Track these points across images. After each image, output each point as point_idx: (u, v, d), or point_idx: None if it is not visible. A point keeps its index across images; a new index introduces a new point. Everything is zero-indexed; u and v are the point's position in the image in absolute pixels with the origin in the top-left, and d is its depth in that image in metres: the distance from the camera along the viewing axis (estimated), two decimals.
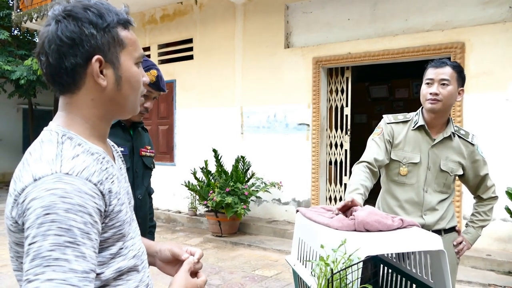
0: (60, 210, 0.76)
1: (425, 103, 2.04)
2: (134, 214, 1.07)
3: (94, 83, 0.91)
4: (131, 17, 0.98)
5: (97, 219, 0.82)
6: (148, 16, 7.62)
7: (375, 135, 2.13)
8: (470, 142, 2.10)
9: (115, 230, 0.89)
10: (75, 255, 0.75)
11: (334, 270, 1.18)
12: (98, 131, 0.96)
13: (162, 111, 7.54)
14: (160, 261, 1.14)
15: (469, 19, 4.79)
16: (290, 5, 6.11)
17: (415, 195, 2.05)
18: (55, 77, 0.90)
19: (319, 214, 1.62)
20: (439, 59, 2.05)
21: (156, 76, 1.92)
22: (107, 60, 0.91)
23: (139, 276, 0.96)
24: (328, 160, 6.01)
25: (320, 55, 5.75)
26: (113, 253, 0.89)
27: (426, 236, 1.42)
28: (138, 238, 1.02)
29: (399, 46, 5.13)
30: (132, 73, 0.95)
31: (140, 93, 1.00)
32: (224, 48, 6.71)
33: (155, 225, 2.24)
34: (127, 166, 1.90)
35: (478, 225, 2.17)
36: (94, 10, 0.89)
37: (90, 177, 0.83)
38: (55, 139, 0.87)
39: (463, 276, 4.15)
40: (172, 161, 7.41)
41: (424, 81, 2.06)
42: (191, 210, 6.87)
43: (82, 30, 0.87)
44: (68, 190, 0.78)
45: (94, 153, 0.89)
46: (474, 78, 4.68)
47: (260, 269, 4.61)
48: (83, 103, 0.92)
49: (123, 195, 0.95)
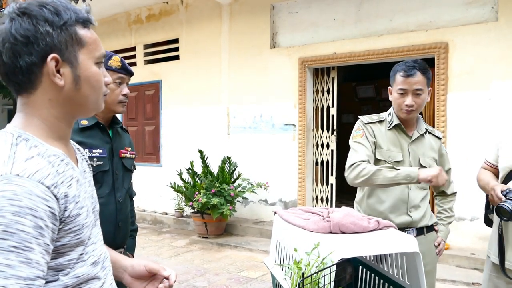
0: (7, 213, 0.73)
1: (399, 111, 2.07)
2: (99, 219, 1.04)
3: (51, 82, 0.88)
4: (92, 16, 0.95)
5: (49, 223, 0.78)
6: (133, 16, 7.55)
7: (357, 137, 2.11)
8: (437, 136, 2.17)
9: (72, 235, 0.86)
10: (20, 261, 0.72)
11: (306, 274, 1.16)
12: (57, 132, 0.92)
13: (148, 111, 7.47)
14: (130, 277, 1.12)
15: (452, 20, 4.82)
16: (276, 5, 6.10)
17: (400, 192, 2.05)
18: (10, 77, 0.87)
19: (296, 216, 1.60)
20: (408, 65, 2.03)
21: (121, 60, 1.88)
22: (64, 59, 0.88)
23: (99, 283, 0.93)
24: (314, 161, 6.01)
25: (306, 55, 5.75)
26: (73, 258, 0.86)
27: (402, 238, 1.41)
28: (100, 243, 0.99)
29: (383, 46, 5.15)
30: (92, 72, 0.92)
31: (103, 92, 0.97)
32: (210, 48, 6.67)
33: (136, 229, 2.19)
34: (106, 168, 1.85)
35: (447, 222, 2.21)
36: (50, 7, 0.86)
37: (43, 179, 0.80)
38: (10, 141, 0.84)
39: (447, 275, 4.17)
40: (158, 162, 7.35)
41: (395, 89, 2.06)
42: (178, 212, 6.82)
43: (37, 28, 0.84)
44: (17, 192, 0.75)
45: (50, 155, 0.86)
46: (458, 77, 4.71)
47: (246, 271, 4.59)
48: (41, 103, 0.89)
49: (84, 199, 0.92)
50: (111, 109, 1.86)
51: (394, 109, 2.11)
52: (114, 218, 1.87)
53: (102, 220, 1.07)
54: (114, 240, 1.85)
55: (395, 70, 2.07)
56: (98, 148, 1.84)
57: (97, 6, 6.21)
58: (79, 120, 1.79)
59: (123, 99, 1.88)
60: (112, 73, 1.82)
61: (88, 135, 1.82)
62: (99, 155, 1.83)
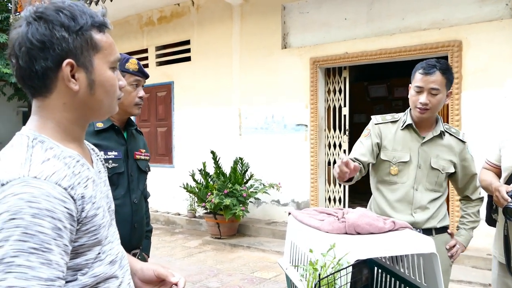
0: (26, 215, 0.73)
1: (414, 110, 2.04)
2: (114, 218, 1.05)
3: (66, 87, 0.88)
4: (108, 20, 0.95)
5: (67, 224, 0.79)
6: (145, 18, 7.60)
7: (362, 137, 2.16)
8: (461, 139, 2.11)
9: (90, 235, 0.86)
10: (40, 262, 0.73)
11: (322, 275, 1.16)
12: (71, 134, 0.93)
13: (161, 113, 7.52)
14: (140, 281, 1.12)
15: (465, 17, 4.76)
16: (286, 6, 6.09)
17: (405, 193, 2.04)
18: (26, 80, 0.88)
19: (311, 217, 1.60)
20: (428, 64, 2.01)
21: (137, 63, 1.90)
22: (79, 64, 0.88)
23: (117, 282, 0.94)
24: (326, 161, 5.98)
25: (317, 55, 5.73)
26: (91, 258, 0.87)
27: (418, 238, 1.40)
28: (117, 242, 1.00)
29: (396, 45, 5.10)
30: (106, 77, 0.92)
31: (117, 96, 0.97)
32: (221, 49, 6.69)
33: (151, 229, 2.20)
34: (121, 170, 1.87)
35: (469, 227, 2.16)
36: (66, 12, 0.87)
37: (60, 181, 0.81)
38: (26, 143, 0.85)
39: (463, 276, 4.12)
40: (171, 163, 7.39)
41: (413, 86, 2.04)
42: (190, 212, 6.85)
43: (53, 33, 0.85)
44: (35, 194, 0.76)
45: (66, 157, 0.87)
46: (472, 75, 4.65)
47: (259, 271, 4.59)
48: (55, 107, 0.90)
49: (100, 199, 0.93)
50: (127, 111, 1.88)
51: (411, 107, 2.09)
52: (130, 220, 1.89)
53: (118, 221, 1.08)
54: (130, 241, 1.86)
55: (416, 68, 2.05)
56: (113, 150, 1.85)
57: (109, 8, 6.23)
58: (95, 123, 1.81)
59: (139, 101, 1.90)
60: (129, 76, 1.84)
61: (103, 138, 1.84)
62: (114, 157, 1.84)
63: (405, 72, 7.91)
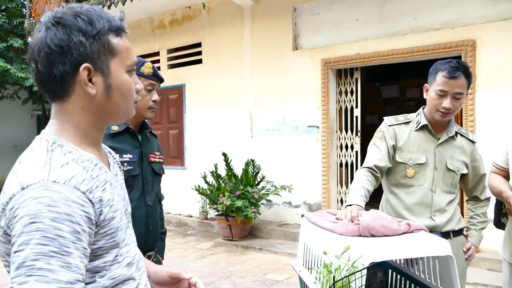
0: (46, 219, 0.75)
1: (435, 113, 1.97)
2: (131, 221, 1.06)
3: (84, 91, 0.90)
4: (125, 24, 0.96)
5: (85, 227, 0.80)
6: (157, 21, 7.67)
7: (376, 139, 2.08)
8: (471, 140, 2.08)
9: (108, 238, 0.88)
10: (60, 265, 0.74)
11: (336, 277, 1.15)
12: (89, 138, 0.95)
13: (172, 115, 7.57)
14: (154, 283, 1.13)
15: (479, 16, 4.71)
16: (297, 7, 6.09)
17: (423, 196, 2.00)
18: (45, 84, 0.90)
19: (324, 219, 1.59)
20: (452, 66, 1.91)
21: (152, 67, 1.92)
22: (97, 68, 0.89)
23: (135, 284, 0.95)
24: (338, 162, 5.95)
25: (329, 57, 5.71)
26: (109, 260, 0.88)
27: (434, 241, 1.38)
28: (134, 245, 1.01)
29: (408, 46, 5.06)
30: (123, 81, 0.94)
31: (134, 100, 0.98)
32: (232, 52, 6.71)
33: (165, 231, 2.22)
34: (136, 173, 1.89)
35: (479, 227, 2.12)
36: (84, 17, 0.88)
37: (79, 185, 0.82)
38: (45, 147, 0.86)
39: (478, 279, 4.07)
40: (182, 165, 7.43)
41: (435, 89, 1.94)
42: (202, 214, 6.87)
43: (70, 38, 0.86)
44: (55, 199, 0.77)
45: (84, 161, 0.88)
46: (486, 76, 4.59)
47: (271, 273, 4.58)
48: (73, 111, 0.92)
49: (117, 202, 0.94)
50: (141, 114, 1.90)
51: (428, 108, 2.02)
52: (145, 222, 1.91)
53: (133, 223, 1.09)
54: (145, 243, 1.88)
55: (437, 68, 1.95)
56: (128, 153, 1.87)
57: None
58: (110, 126, 1.83)
59: (152, 105, 1.92)
60: (144, 80, 1.86)
61: (118, 140, 1.86)
62: (129, 160, 1.86)
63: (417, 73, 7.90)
